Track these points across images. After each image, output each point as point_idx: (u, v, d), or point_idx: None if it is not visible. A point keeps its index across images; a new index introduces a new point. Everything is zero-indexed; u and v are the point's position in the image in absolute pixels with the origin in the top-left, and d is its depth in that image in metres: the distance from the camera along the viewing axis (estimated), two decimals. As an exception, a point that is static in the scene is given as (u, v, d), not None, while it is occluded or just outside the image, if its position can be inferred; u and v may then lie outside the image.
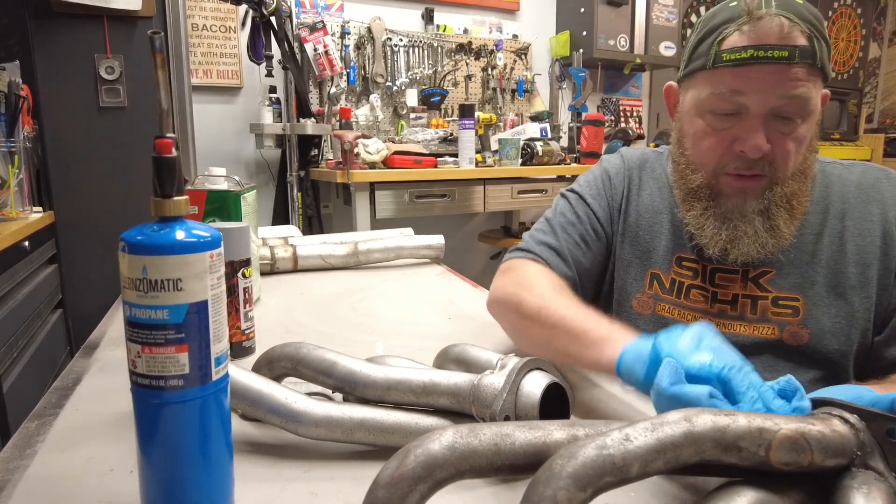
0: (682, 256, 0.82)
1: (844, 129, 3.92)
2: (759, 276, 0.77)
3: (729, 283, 0.78)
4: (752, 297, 0.76)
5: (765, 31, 0.68)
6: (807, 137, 0.73)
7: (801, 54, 0.68)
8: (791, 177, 0.73)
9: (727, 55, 0.70)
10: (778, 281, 0.76)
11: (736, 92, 0.71)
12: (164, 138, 0.38)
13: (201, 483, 0.39)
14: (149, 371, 0.37)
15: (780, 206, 0.74)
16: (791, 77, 0.68)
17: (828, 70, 0.71)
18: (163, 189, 0.38)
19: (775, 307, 0.75)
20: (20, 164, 1.57)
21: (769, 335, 0.75)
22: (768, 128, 0.71)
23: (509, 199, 2.61)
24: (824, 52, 0.70)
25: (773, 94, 0.69)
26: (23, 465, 0.47)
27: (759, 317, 0.76)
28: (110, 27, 1.85)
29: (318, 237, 1.31)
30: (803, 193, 0.75)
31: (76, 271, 1.88)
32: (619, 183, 0.90)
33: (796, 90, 0.69)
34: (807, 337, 0.74)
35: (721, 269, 0.79)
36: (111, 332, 0.81)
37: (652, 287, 0.84)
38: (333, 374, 0.51)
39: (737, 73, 0.70)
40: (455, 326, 0.84)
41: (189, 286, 0.37)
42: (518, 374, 0.46)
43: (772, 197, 0.74)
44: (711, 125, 0.75)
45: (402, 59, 2.95)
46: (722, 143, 0.74)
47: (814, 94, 0.70)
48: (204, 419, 0.38)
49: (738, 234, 0.74)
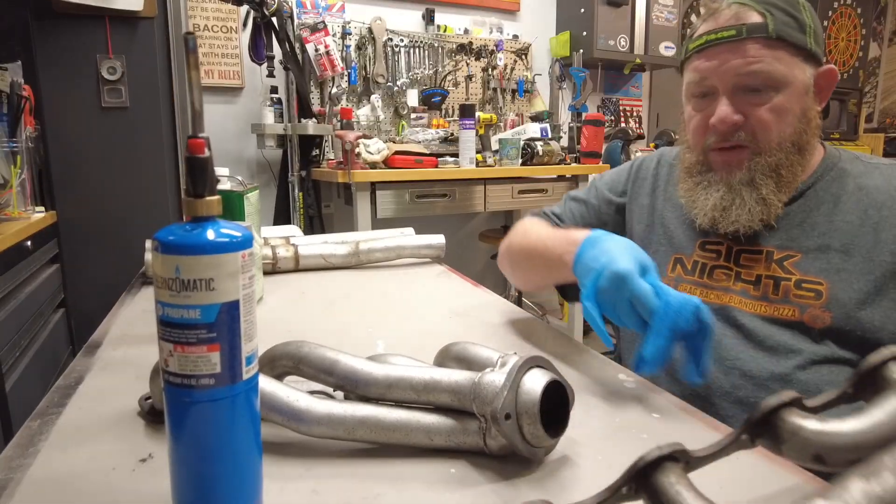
0: (706, 241, 0.86)
1: (844, 129, 3.91)
2: (784, 259, 0.79)
3: (754, 263, 0.80)
4: (774, 278, 0.78)
5: (718, 19, 0.77)
6: (790, 108, 0.77)
7: (750, 30, 0.75)
8: (778, 147, 0.77)
9: (692, 45, 0.81)
10: (803, 265, 0.77)
11: (703, 76, 0.80)
12: (197, 138, 0.38)
13: (231, 481, 0.39)
14: (181, 370, 0.37)
15: (766, 176, 0.78)
16: (745, 53, 0.75)
17: (800, 42, 0.76)
18: (195, 189, 0.38)
19: (798, 289, 0.76)
20: (22, 165, 1.57)
21: (790, 316, 0.76)
22: (738, 101, 0.77)
23: (510, 198, 2.61)
24: (789, 26, 0.75)
25: (729, 70, 0.76)
26: (25, 463, 0.47)
27: (782, 297, 0.77)
28: (112, 27, 1.86)
29: (320, 237, 1.31)
30: (794, 164, 0.78)
31: (78, 271, 1.88)
32: (645, 173, 0.99)
33: (753, 65, 0.75)
34: (829, 319, 0.74)
35: (746, 250, 0.82)
36: (113, 331, 0.81)
37: (675, 270, 0.88)
38: (335, 373, 0.51)
39: (699, 59, 0.80)
40: (456, 325, 0.84)
41: (221, 286, 0.37)
42: (519, 372, 0.46)
43: (755, 167, 0.78)
44: (695, 108, 0.83)
45: (403, 60, 2.95)
46: (703, 122, 0.81)
47: (779, 66, 0.75)
48: (234, 418, 0.39)
49: (725, 203, 0.80)
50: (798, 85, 0.77)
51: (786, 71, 0.76)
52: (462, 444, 0.47)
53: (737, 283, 0.81)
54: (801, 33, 0.76)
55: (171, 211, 1.98)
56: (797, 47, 0.76)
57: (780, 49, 0.75)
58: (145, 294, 1.00)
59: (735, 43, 0.75)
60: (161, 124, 1.97)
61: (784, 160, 0.78)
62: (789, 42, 0.75)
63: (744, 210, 0.79)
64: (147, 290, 1.01)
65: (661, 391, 0.62)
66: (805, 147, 0.79)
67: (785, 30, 0.75)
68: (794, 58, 0.76)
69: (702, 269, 0.85)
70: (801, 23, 0.76)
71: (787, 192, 0.79)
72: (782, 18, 0.75)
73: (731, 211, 0.79)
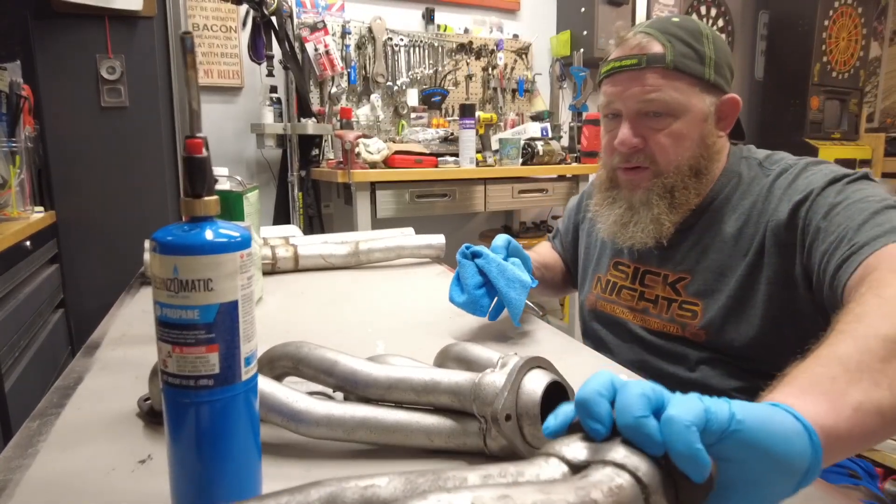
0: (619, 261, 0.96)
1: (845, 129, 3.91)
2: (677, 281, 0.87)
3: (654, 284, 0.90)
4: (668, 300, 0.87)
5: (624, 47, 0.83)
6: (687, 134, 0.82)
7: (650, 60, 0.80)
8: (675, 170, 0.83)
9: (602, 70, 0.87)
10: (690, 286, 0.85)
11: (609, 100, 0.86)
12: (195, 138, 0.38)
13: (230, 482, 0.39)
14: (180, 371, 0.37)
15: (660, 197, 0.84)
16: (644, 81, 0.81)
17: (697, 73, 0.81)
18: (193, 189, 0.38)
19: (680, 310, 0.85)
20: (21, 164, 1.57)
21: (675, 332, 0.86)
22: (639, 126, 0.83)
23: (510, 198, 2.61)
24: (687, 57, 0.80)
25: (631, 96, 0.82)
26: (24, 464, 0.47)
27: (670, 316, 0.87)
28: (111, 27, 1.85)
29: (319, 237, 1.31)
30: (689, 188, 0.83)
31: (77, 271, 1.88)
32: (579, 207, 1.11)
33: (650, 94, 0.80)
34: (704, 336, 0.82)
35: (650, 271, 0.91)
36: (112, 331, 0.81)
37: (597, 287, 0.99)
38: (334, 373, 0.51)
39: (607, 84, 0.86)
40: (456, 325, 0.84)
41: (220, 286, 0.37)
42: (519, 373, 0.46)
43: (653, 188, 0.84)
44: (605, 129, 0.89)
45: (403, 59, 2.95)
46: (610, 142, 0.87)
47: (676, 95, 0.80)
48: (233, 418, 0.38)
49: (624, 220, 0.87)
50: (696, 112, 0.82)
51: (682, 99, 0.80)
52: (462, 446, 0.47)
53: (640, 302, 0.91)
54: (699, 64, 0.81)
55: (170, 211, 1.98)
56: (695, 77, 0.81)
57: (677, 79, 0.80)
58: (144, 294, 1.00)
59: (636, 71, 0.81)
60: (160, 124, 1.97)
61: (679, 183, 0.83)
62: (686, 73, 0.80)
63: (639, 228, 0.85)
64: (146, 291, 1.01)
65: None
66: (702, 171, 0.84)
67: (682, 61, 0.80)
68: (692, 87, 0.81)
69: (612, 287, 0.96)
70: (700, 54, 0.81)
71: (679, 214, 0.85)
72: (682, 50, 0.80)
73: (629, 227, 0.86)
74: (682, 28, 0.82)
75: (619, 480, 0.30)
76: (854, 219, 0.66)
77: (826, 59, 3.74)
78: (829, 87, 3.79)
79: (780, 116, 3.78)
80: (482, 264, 0.78)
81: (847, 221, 0.67)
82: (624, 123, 0.83)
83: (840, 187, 0.72)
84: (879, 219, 0.64)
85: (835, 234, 0.67)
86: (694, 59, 0.81)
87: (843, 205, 0.69)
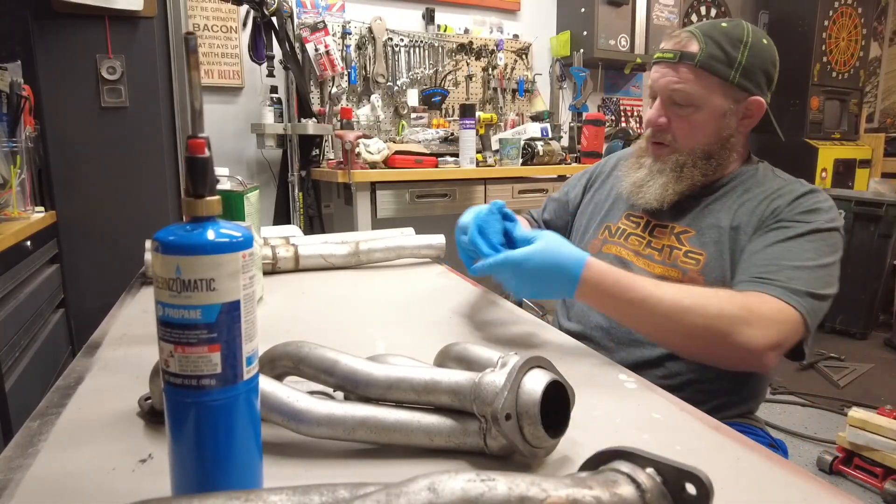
0: (632, 213, 1.08)
1: (845, 129, 3.91)
2: (681, 233, 0.99)
3: (662, 235, 1.02)
4: (671, 247, 0.99)
5: (670, 41, 0.97)
6: (704, 125, 0.96)
7: (683, 57, 0.94)
8: (689, 152, 0.97)
9: (654, 56, 1.00)
10: (694, 240, 0.98)
11: (652, 82, 1.00)
12: (197, 138, 0.38)
13: (231, 482, 0.39)
14: (181, 371, 0.37)
15: (672, 170, 0.99)
16: (675, 74, 0.94)
17: (722, 74, 0.92)
18: (195, 189, 0.38)
19: (685, 258, 0.97)
20: (22, 164, 1.57)
21: (675, 276, 0.96)
22: (668, 110, 0.97)
23: (510, 198, 2.61)
24: (717, 60, 0.92)
25: (663, 84, 0.96)
26: (25, 464, 0.47)
27: (672, 262, 0.98)
28: (112, 27, 1.86)
29: (320, 237, 1.31)
30: (696, 167, 0.97)
31: (78, 271, 1.88)
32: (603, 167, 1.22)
33: (677, 85, 0.94)
34: (702, 282, 0.94)
35: (659, 224, 1.03)
36: (113, 331, 0.81)
37: (604, 233, 1.10)
38: (335, 373, 0.51)
39: (654, 69, 1.00)
40: (456, 325, 0.84)
41: (222, 286, 0.37)
42: (519, 373, 0.46)
43: (668, 162, 0.99)
44: (647, 106, 1.08)
45: (403, 59, 2.95)
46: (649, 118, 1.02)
47: (700, 90, 0.93)
48: (235, 418, 0.38)
49: (642, 182, 1.02)
50: (715, 108, 0.94)
51: (704, 94, 0.93)
52: (462, 445, 0.47)
53: (646, 248, 1.02)
54: (727, 67, 0.92)
55: (170, 211, 1.98)
56: (720, 77, 0.93)
57: (703, 77, 0.93)
58: (145, 294, 1.00)
59: (672, 65, 0.95)
60: (161, 124, 1.97)
61: (689, 162, 0.98)
62: (712, 73, 0.92)
63: (650, 191, 1.00)
64: (147, 291, 1.01)
65: (661, 391, 0.62)
66: (713, 156, 0.98)
67: (710, 62, 0.92)
68: (716, 86, 0.93)
69: (621, 233, 1.07)
70: (730, 58, 0.92)
71: (683, 185, 0.98)
72: (713, 52, 0.92)
73: (643, 189, 1.01)
74: (724, 33, 0.93)
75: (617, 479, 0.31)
76: (790, 260, 0.84)
77: (826, 59, 3.74)
78: (829, 88, 3.79)
79: (780, 116, 3.77)
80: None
81: (786, 256, 0.85)
82: (656, 105, 0.99)
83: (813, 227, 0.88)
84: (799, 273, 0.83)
85: (772, 256, 0.86)
86: (722, 62, 0.92)
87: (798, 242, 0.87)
